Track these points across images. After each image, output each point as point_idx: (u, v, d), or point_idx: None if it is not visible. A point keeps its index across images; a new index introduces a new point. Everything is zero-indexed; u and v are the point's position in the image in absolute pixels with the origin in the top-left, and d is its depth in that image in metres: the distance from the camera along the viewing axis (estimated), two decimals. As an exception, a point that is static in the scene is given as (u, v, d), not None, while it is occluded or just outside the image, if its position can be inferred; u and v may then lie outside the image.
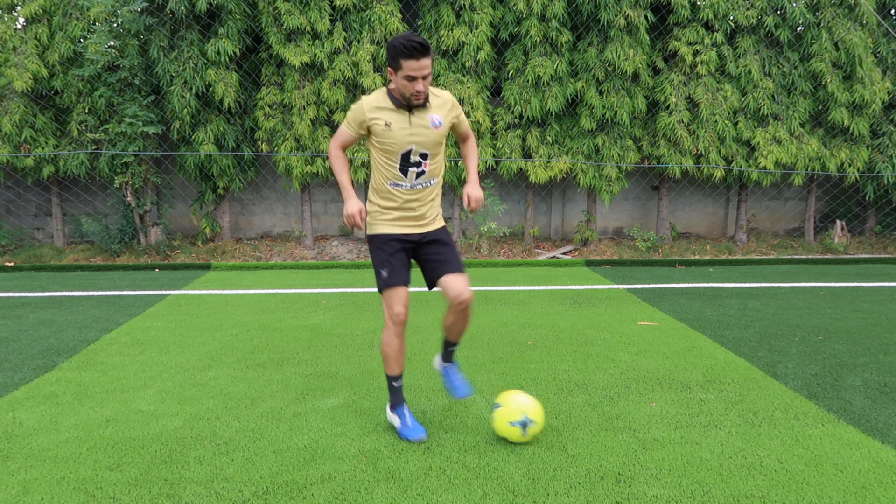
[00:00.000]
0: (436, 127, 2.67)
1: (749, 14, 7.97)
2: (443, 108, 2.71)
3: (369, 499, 2.30)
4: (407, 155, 2.66)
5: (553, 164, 8.21)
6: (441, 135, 2.70)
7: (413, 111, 2.64)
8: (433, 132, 2.67)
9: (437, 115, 2.68)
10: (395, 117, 2.64)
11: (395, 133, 2.63)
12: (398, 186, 2.71)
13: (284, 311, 5.28)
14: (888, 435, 2.81)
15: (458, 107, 2.79)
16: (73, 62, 7.67)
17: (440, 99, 2.72)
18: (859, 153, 8.38)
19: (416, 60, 2.46)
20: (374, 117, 2.65)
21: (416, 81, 2.51)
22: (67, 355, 4.01)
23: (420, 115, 2.65)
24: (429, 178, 2.74)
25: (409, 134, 2.64)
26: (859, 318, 4.96)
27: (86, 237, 8.71)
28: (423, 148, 2.67)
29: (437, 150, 2.73)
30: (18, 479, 2.44)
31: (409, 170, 2.69)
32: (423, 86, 2.53)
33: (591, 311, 5.24)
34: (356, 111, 2.68)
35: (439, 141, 2.71)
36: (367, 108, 2.65)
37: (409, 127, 2.64)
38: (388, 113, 2.64)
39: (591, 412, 3.08)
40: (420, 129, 2.65)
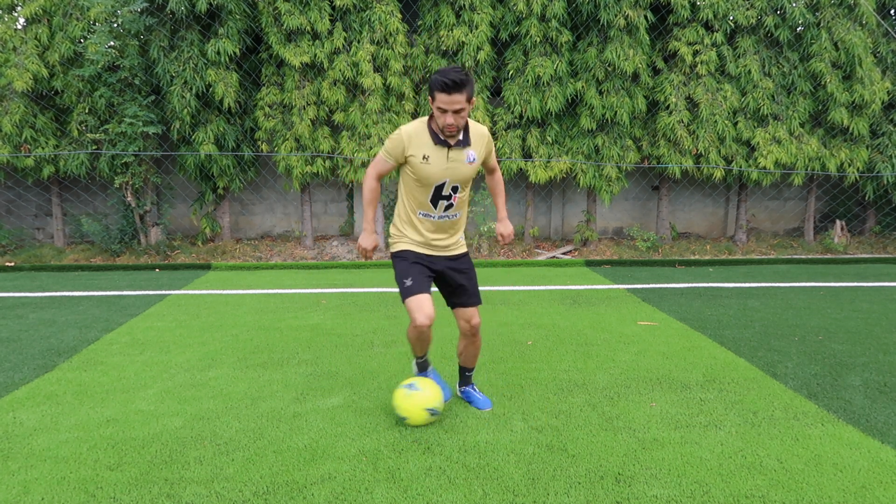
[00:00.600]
0: (470, 163, 2.75)
1: (749, 14, 7.98)
2: (479, 143, 2.78)
3: (369, 499, 2.30)
4: (440, 188, 2.74)
5: (553, 164, 8.21)
6: (474, 170, 2.79)
7: (451, 148, 2.69)
8: (467, 167, 2.75)
9: (473, 151, 2.75)
10: (434, 151, 2.69)
11: (433, 167, 2.69)
12: (426, 217, 2.80)
13: (284, 311, 5.28)
14: (888, 435, 2.81)
15: (491, 142, 2.87)
16: (73, 62, 7.67)
17: (478, 135, 2.78)
18: (859, 153, 8.38)
19: (447, 95, 2.51)
20: (412, 150, 2.70)
21: (447, 115, 2.56)
22: (68, 355, 4.01)
23: (457, 152, 2.71)
24: (456, 211, 2.84)
25: (444, 169, 2.70)
26: (859, 318, 4.96)
27: (86, 237, 8.71)
28: (455, 182, 2.75)
29: (468, 183, 2.83)
30: (19, 478, 2.44)
31: (439, 202, 2.77)
32: (454, 119, 2.57)
33: (591, 311, 5.24)
34: (395, 141, 2.71)
35: (472, 176, 2.80)
36: (406, 139, 2.69)
37: (446, 162, 2.70)
38: (427, 147, 2.69)
39: (591, 412, 3.08)
40: (455, 163, 2.71)
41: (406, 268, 2.81)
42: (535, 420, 2.98)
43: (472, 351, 3.07)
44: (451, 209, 2.81)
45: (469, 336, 2.98)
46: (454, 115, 2.57)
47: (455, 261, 2.91)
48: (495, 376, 3.61)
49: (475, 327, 2.94)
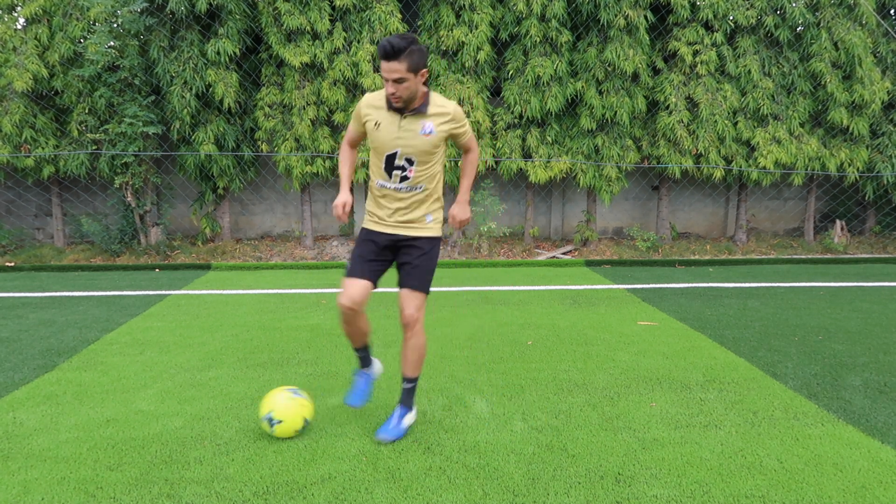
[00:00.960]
0: (425, 134, 2.63)
1: (749, 14, 7.98)
2: (440, 117, 2.65)
3: (369, 499, 2.30)
4: (392, 157, 2.67)
5: (553, 164, 8.21)
6: (430, 143, 2.65)
7: (405, 115, 2.63)
8: (421, 139, 2.63)
9: (430, 122, 2.64)
10: (386, 118, 2.65)
11: (382, 134, 2.65)
12: (383, 186, 2.75)
13: (284, 311, 5.28)
14: (888, 435, 2.81)
15: (459, 121, 2.72)
16: (73, 62, 7.67)
17: (440, 108, 2.66)
18: (859, 153, 8.38)
19: (385, 62, 2.47)
20: (367, 114, 2.70)
21: (388, 83, 2.51)
22: (68, 355, 4.01)
23: (411, 120, 2.63)
24: (413, 185, 2.71)
25: (395, 137, 2.63)
26: (859, 318, 4.96)
27: (86, 237, 8.71)
28: (409, 153, 2.65)
29: (426, 158, 2.68)
30: (19, 478, 2.44)
31: (392, 172, 2.69)
32: (395, 89, 2.51)
33: (590, 311, 5.24)
34: (356, 108, 2.77)
35: (428, 150, 2.66)
36: (364, 106, 2.72)
37: (397, 130, 2.63)
38: (380, 112, 2.67)
39: (591, 412, 3.08)
40: (408, 133, 2.62)
41: (356, 247, 2.83)
42: (535, 420, 2.98)
43: (407, 353, 2.78)
44: (406, 181, 2.69)
45: (405, 330, 2.75)
46: (394, 84, 2.49)
47: (411, 244, 2.76)
48: (495, 376, 3.60)
49: (408, 318, 2.70)
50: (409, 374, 2.84)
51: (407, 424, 2.84)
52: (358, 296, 2.69)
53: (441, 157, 2.76)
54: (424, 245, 2.77)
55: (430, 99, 2.65)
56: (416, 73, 2.50)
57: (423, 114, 2.63)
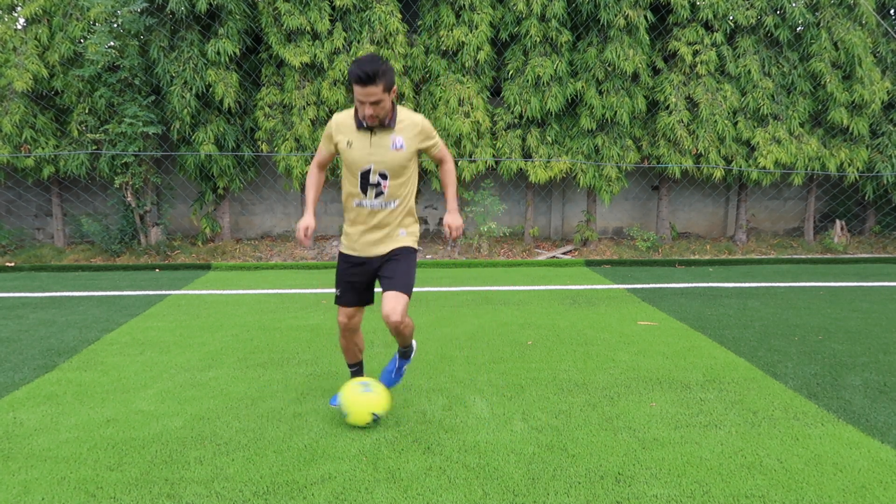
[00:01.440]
0: (396, 149, 2.69)
1: (749, 14, 7.98)
2: (408, 131, 2.71)
3: (369, 499, 2.30)
4: (366, 174, 2.71)
5: (553, 164, 8.21)
6: (403, 157, 2.71)
7: (374, 131, 2.68)
8: (393, 154, 2.69)
9: (399, 137, 2.70)
10: (357, 136, 2.70)
11: (355, 152, 2.70)
12: (359, 205, 2.78)
13: (284, 311, 5.28)
14: (888, 434, 2.81)
15: (428, 133, 2.77)
16: (73, 62, 7.67)
17: (408, 122, 2.72)
18: (859, 153, 8.38)
19: (362, 87, 2.50)
20: (338, 135, 2.75)
21: (364, 106, 2.56)
22: (68, 355, 4.01)
23: (381, 136, 2.68)
24: (388, 200, 2.76)
25: (368, 154, 2.68)
26: (859, 318, 4.96)
27: (86, 237, 8.71)
28: (382, 168, 2.70)
29: (400, 172, 2.73)
30: (19, 478, 2.44)
31: (367, 188, 2.74)
32: (374, 110, 2.56)
33: (590, 311, 5.25)
34: (326, 129, 2.81)
35: (401, 164, 2.71)
36: (334, 126, 2.76)
37: (369, 147, 2.68)
38: (350, 132, 2.71)
39: (591, 412, 3.08)
40: (379, 149, 2.68)
41: (340, 275, 2.92)
42: (535, 420, 2.98)
43: (400, 340, 3.01)
44: (381, 197, 2.74)
45: (391, 330, 2.83)
46: (372, 106, 2.55)
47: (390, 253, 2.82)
48: (495, 376, 3.61)
49: (395, 325, 2.75)
50: (404, 345, 3.10)
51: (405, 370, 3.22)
52: (354, 315, 2.92)
53: (414, 172, 2.82)
54: (401, 252, 2.84)
55: (397, 113, 2.71)
56: (390, 91, 2.58)
57: (391, 129, 2.70)
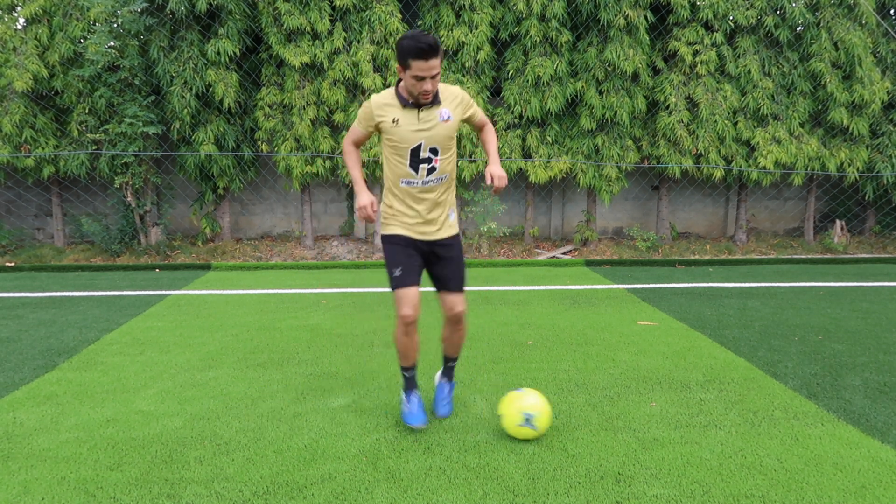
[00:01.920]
0: (444, 121, 2.67)
1: (749, 14, 7.98)
2: (452, 102, 2.71)
3: (369, 499, 2.30)
4: (417, 150, 2.67)
5: (553, 164, 8.21)
6: (451, 128, 2.70)
7: (422, 108, 2.65)
8: (442, 126, 2.67)
9: (445, 109, 2.68)
10: (403, 114, 2.65)
11: (403, 129, 2.64)
12: (410, 184, 2.72)
13: (284, 311, 5.28)
14: (888, 434, 2.81)
15: (468, 101, 2.79)
16: (73, 62, 7.67)
17: (449, 93, 2.72)
18: (859, 153, 8.38)
19: (424, 61, 2.45)
20: (381, 114, 2.67)
21: (425, 81, 2.51)
22: (68, 355, 4.01)
23: (428, 111, 2.66)
24: (440, 175, 2.74)
25: (417, 129, 2.64)
26: (859, 318, 4.96)
27: (86, 237, 8.71)
28: (432, 143, 2.67)
29: (448, 144, 2.73)
30: (19, 478, 2.44)
31: (419, 166, 2.69)
32: (432, 85, 2.53)
33: (590, 311, 5.24)
34: (365, 108, 2.72)
35: (450, 135, 2.71)
36: (375, 106, 2.68)
37: (418, 122, 2.64)
38: (395, 110, 2.66)
39: (591, 412, 3.08)
40: (428, 123, 2.65)
41: (395, 255, 2.76)
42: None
43: (456, 340, 2.98)
44: (434, 173, 2.71)
45: (452, 323, 2.91)
46: (432, 80, 2.51)
47: (443, 243, 2.82)
48: (495, 376, 3.61)
49: (458, 315, 2.86)
50: (454, 354, 3.06)
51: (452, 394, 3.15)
52: (417, 303, 2.73)
53: (455, 144, 2.81)
54: (454, 243, 2.85)
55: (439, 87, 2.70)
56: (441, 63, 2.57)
57: (438, 103, 2.66)
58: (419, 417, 2.86)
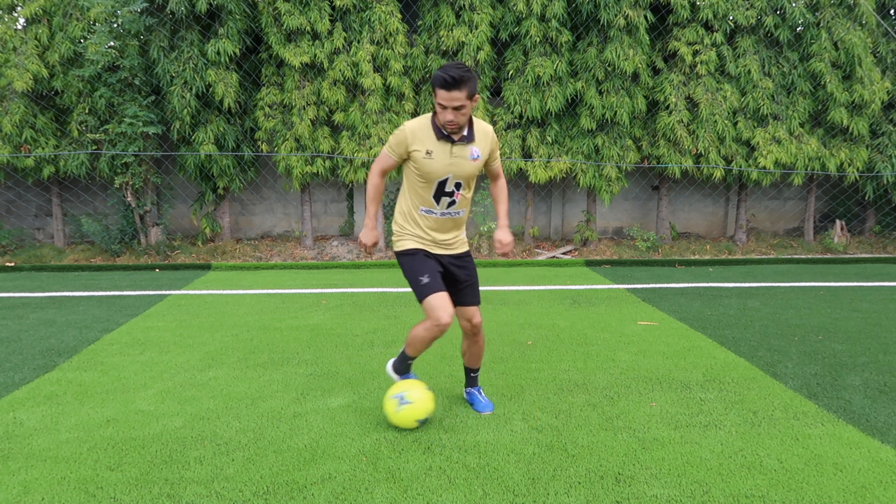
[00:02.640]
0: (474, 159, 2.73)
1: (749, 14, 7.98)
2: (483, 141, 2.76)
3: (369, 499, 2.30)
4: (443, 183, 2.73)
5: (553, 164, 8.21)
6: (478, 167, 2.77)
7: (455, 143, 2.69)
8: (471, 164, 2.73)
9: (477, 148, 2.74)
10: (437, 146, 2.68)
11: (436, 162, 2.68)
12: (429, 213, 2.79)
13: (284, 311, 5.28)
14: (888, 434, 2.81)
15: (496, 142, 2.84)
16: (73, 62, 7.67)
17: (482, 132, 2.76)
18: (859, 153, 8.38)
19: (446, 91, 2.51)
20: (416, 145, 2.69)
21: (447, 111, 2.56)
22: (68, 355, 4.01)
23: (461, 147, 2.70)
24: (459, 209, 2.82)
25: (448, 164, 2.69)
26: (859, 318, 4.96)
27: (86, 237, 8.71)
28: (458, 178, 2.74)
29: (472, 181, 2.81)
30: (19, 478, 2.44)
31: (441, 198, 2.76)
32: (455, 116, 2.57)
33: (590, 311, 5.24)
34: (399, 136, 2.71)
35: (475, 173, 2.78)
36: (411, 134, 2.69)
37: (450, 157, 2.69)
38: (430, 142, 2.69)
39: (591, 412, 3.08)
40: (459, 160, 2.70)
41: (419, 265, 2.77)
42: (535, 420, 2.98)
43: (476, 350, 3.04)
44: (453, 206, 2.79)
45: (471, 336, 2.97)
46: (454, 111, 2.56)
47: (458, 259, 2.90)
48: (495, 376, 3.61)
49: (476, 326, 2.92)
50: (476, 365, 3.14)
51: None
52: (451, 309, 2.75)
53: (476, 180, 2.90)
54: (468, 260, 2.95)
55: (474, 124, 2.74)
56: (472, 99, 2.59)
57: (472, 140, 2.72)
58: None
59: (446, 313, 2.69)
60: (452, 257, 2.89)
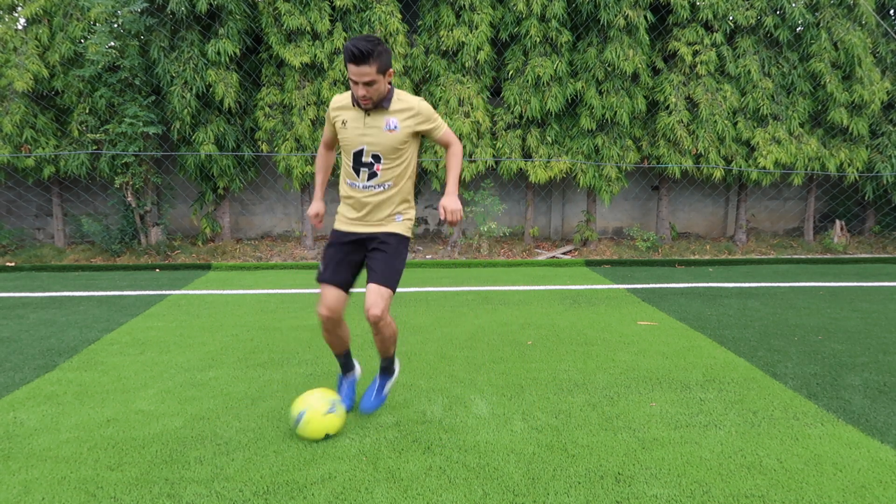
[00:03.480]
0: (389, 130, 2.66)
1: (748, 14, 7.98)
2: (403, 113, 2.67)
3: (369, 499, 2.30)
4: (359, 154, 2.71)
5: (553, 164, 8.21)
6: (396, 139, 2.66)
7: (369, 112, 2.67)
8: (386, 135, 2.66)
9: (394, 118, 2.66)
10: (352, 116, 2.70)
11: (349, 131, 2.70)
12: (352, 185, 2.79)
13: (284, 311, 5.28)
14: (888, 434, 2.81)
15: (427, 115, 2.70)
16: (73, 63, 7.68)
17: (404, 104, 2.68)
18: (858, 153, 8.38)
19: (355, 66, 2.47)
20: (335, 115, 2.76)
21: (358, 87, 2.54)
22: (68, 355, 4.01)
23: (375, 117, 2.67)
24: (382, 182, 2.73)
25: (360, 133, 2.68)
26: (859, 318, 4.96)
27: (86, 237, 8.71)
28: (375, 149, 2.68)
29: (394, 155, 2.70)
30: (19, 478, 2.45)
31: (360, 169, 2.73)
32: (367, 91, 2.54)
33: (590, 311, 5.25)
34: (327, 110, 2.81)
35: (394, 146, 2.67)
36: (332, 106, 2.78)
37: (363, 127, 2.67)
38: (347, 112, 2.72)
39: (591, 412, 3.08)
40: (373, 130, 2.66)
41: (325, 251, 2.90)
42: (535, 420, 2.98)
43: (378, 341, 2.91)
44: (374, 178, 2.72)
45: (372, 327, 2.83)
46: (365, 87, 2.52)
47: (379, 235, 2.80)
48: (495, 376, 3.61)
49: (373, 319, 2.74)
50: (384, 356, 3.04)
51: (388, 390, 3.11)
52: (334, 304, 2.82)
53: (411, 157, 2.77)
54: (390, 240, 2.80)
55: (394, 95, 2.68)
56: (385, 73, 2.55)
57: (386, 110, 2.66)
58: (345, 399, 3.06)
59: (323, 306, 2.83)
60: (372, 235, 2.79)
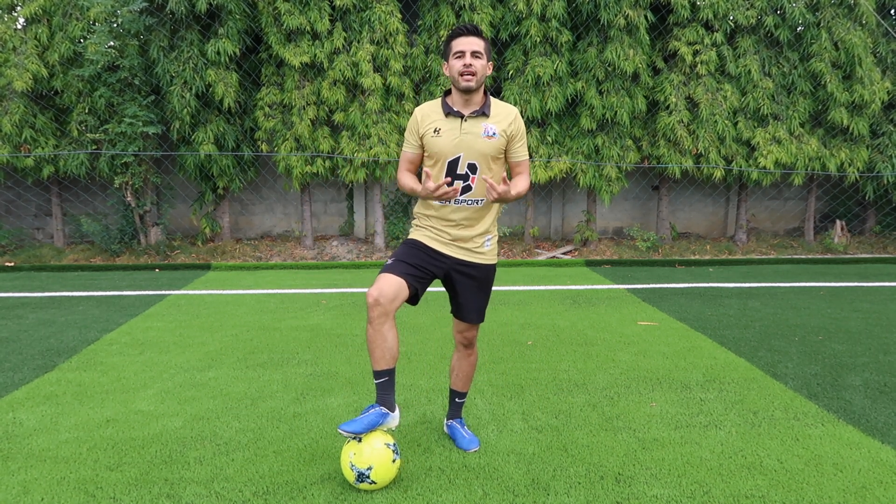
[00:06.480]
0: (488, 137, 2.44)
1: (749, 14, 7.97)
2: (502, 120, 2.47)
3: (369, 499, 2.30)
4: (454, 164, 2.45)
5: (553, 164, 8.21)
6: (494, 147, 2.45)
7: (466, 118, 2.44)
8: (484, 142, 2.43)
9: (493, 125, 2.45)
10: (445, 122, 2.46)
11: (444, 139, 2.44)
12: (442, 202, 2.48)
13: (284, 311, 5.28)
14: (888, 435, 2.81)
15: (521, 127, 2.51)
16: (73, 62, 7.67)
17: (502, 110, 2.50)
18: (859, 153, 8.38)
19: (464, 37, 2.38)
20: (428, 124, 2.49)
21: (464, 56, 2.37)
22: (67, 355, 4.01)
23: (473, 122, 2.44)
24: (476, 198, 2.49)
25: (458, 140, 2.43)
26: (859, 318, 4.96)
27: (86, 237, 8.71)
28: (472, 157, 2.44)
29: (490, 165, 2.47)
30: (19, 478, 2.44)
31: (454, 182, 2.44)
32: (472, 60, 2.37)
33: (591, 311, 5.24)
34: (411, 122, 2.53)
35: (493, 154, 2.46)
36: (419, 117, 2.51)
37: (459, 133, 2.44)
38: (439, 119, 2.48)
39: (591, 412, 3.08)
40: (469, 135, 2.43)
41: (400, 250, 2.52)
42: (535, 420, 2.98)
43: (465, 368, 2.74)
44: (468, 192, 2.46)
45: (462, 349, 2.71)
46: (472, 55, 2.37)
47: (469, 266, 2.55)
48: (495, 376, 3.60)
49: (469, 339, 2.67)
50: (462, 388, 2.80)
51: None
52: (389, 290, 2.30)
53: (503, 168, 2.54)
54: (481, 274, 2.58)
55: (491, 101, 2.50)
56: (488, 58, 2.44)
57: (486, 115, 2.46)
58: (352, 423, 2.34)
59: (375, 288, 2.30)
60: (461, 263, 2.54)
